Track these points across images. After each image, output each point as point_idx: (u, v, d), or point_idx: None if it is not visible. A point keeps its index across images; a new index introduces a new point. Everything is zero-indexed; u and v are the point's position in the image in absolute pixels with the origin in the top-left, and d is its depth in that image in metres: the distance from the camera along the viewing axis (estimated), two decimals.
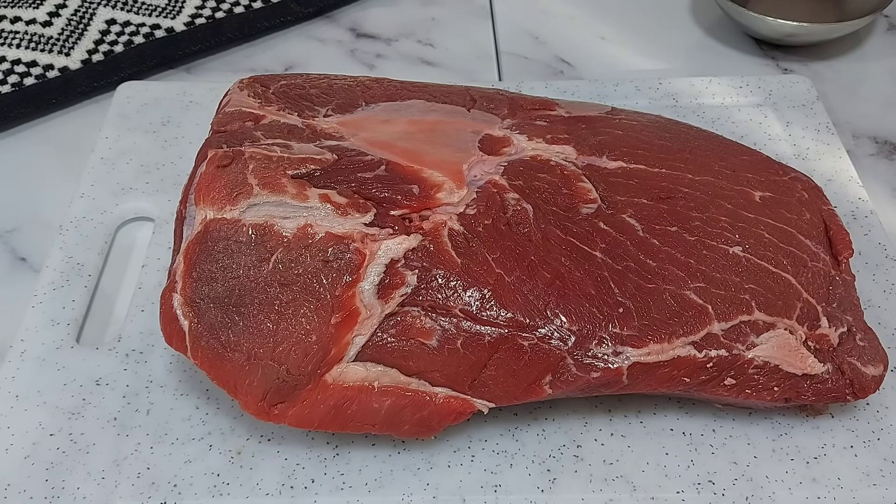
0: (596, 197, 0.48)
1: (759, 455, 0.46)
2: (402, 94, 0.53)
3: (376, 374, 0.43)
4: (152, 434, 0.46)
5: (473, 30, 0.78)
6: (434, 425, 0.44)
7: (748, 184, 0.51)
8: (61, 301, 0.52)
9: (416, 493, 0.44)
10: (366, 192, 0.45)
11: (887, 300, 0.53)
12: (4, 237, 0.59)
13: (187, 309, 0.43)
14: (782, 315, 0.45)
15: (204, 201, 0.44)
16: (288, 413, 0.43)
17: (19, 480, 0.44)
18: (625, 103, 0.64)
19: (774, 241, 0.48)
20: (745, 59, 0.75)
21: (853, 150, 0.66)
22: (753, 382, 0.45)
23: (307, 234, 0.43)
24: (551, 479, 0.45)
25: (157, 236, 0.56)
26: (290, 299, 0.42)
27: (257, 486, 0.44)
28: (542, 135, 0.51)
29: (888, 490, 0.44)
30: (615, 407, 0.48)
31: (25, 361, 0.49)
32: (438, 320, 0.43)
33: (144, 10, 0.72)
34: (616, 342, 0.43)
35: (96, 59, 0.69)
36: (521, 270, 0.44)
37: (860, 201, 0.58)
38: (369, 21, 0.78)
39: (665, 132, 0.53)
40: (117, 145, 0.62)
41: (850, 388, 0.45)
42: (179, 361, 0.49)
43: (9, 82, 0.66)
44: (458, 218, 0.45)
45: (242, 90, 0.51)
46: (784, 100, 0.66)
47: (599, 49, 0.76)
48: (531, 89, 0.65)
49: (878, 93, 0.71)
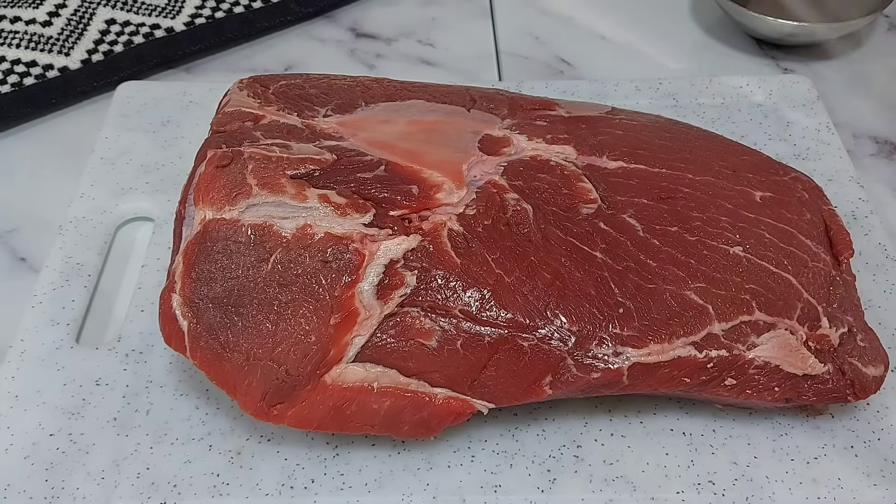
0: (596, 197, 0.47)
1: (759, 455, 0.46)
2: (402, 94, 0.53)
3: (375, 375, 0.43)
4: (152, 434, 0.46)
5: (473, 30, 0.78)
6: (433, 426, 0.43)
7: (749, 184, 0.50)
8: (61, 301, 0.52)
9: (416, 494, 0.44)
10: (365, 193, 0.45)
11: (887, 300, 0.53)
12: (4, 237, 0.59)
13: (186, 309, 0.43)
14: (783, 315, 0.45)
15: (203, 201, 0.44)
16: (287, 413, 0.43)
17: (19, 480, 0.44)
18: (625, 103, 0.64)
19: (775, 242, 0.48)
20: (745, 59, 0.75)
21: (853, 150, 0.66)
22: (754, 383, 0.44)
23: (306, 235, 0.43)
24: (551, 480, 0.45)
25: (157, 236, 0.56)
26: (290, 300, 0.42)
27: (257, 487, 0.44)
28: (542, 135, 0.51)
29: (888, 490, 0.44)
30: (615, 407, 0.48)
31: (25, 361, 0.49)
32: (438, 321, 0.42)
33: (144, 9, 0.72)
34: (616, 343, 0.43)
35: (96, 59, 0.69)
36: (521, 271, 0.44)
37: (860, 201, 0.58)
38: (369, 21, 0.78)
39: (665, 132, 0.53)
40: (117, 145, 0.62)
41: (850, 389, 0.45)
42: (179, 361, 0.49)
43: (8, 82, 0.66)
44: (458, 218, 0.45)
45: (242, 90, 0.51)
46: (784, 100, 0.66)
47: (599, 49, 0.76)
48: (531, 89, 0.65)
49: (878, 93, 0.71)
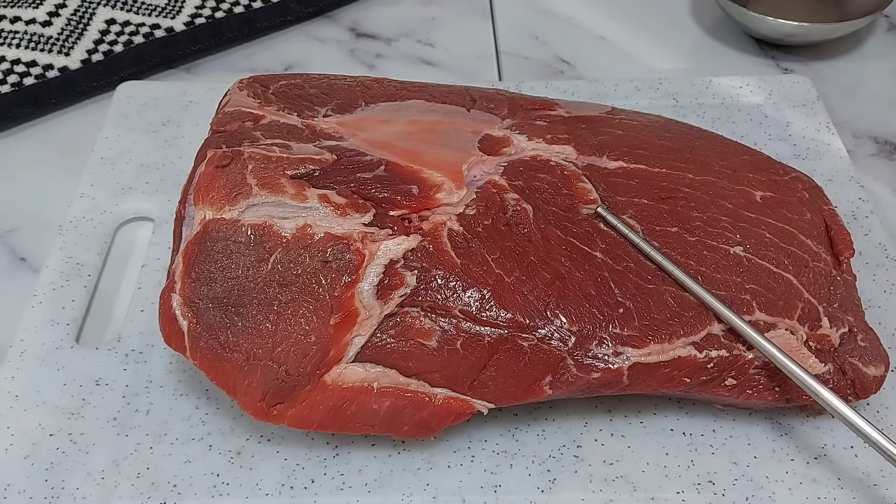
0: (596, 197, 0.47)
1: (759, 455, 0.46)
2: (402, 94, 0.53)
3: (375, 375, 0.42)
4: (152, 434, 0.46)
5: (473, 30, 0.78)
6: (433, 426, 0.43)
7: (749, 184, 0.50)
8: (61, 301, 0.52)
9: (416, 494, 0.44)
10: (365, 193, 0.45)
11: (888, 300, 0.53)
12: (4, 237, 0.59)
13: (186, 309, 0.43)
14: (783, 315, 0.45)
15: (203, 201, 0.44)
16: (287, 413, 0.43)
17: (19, 480, 0.44)
18: (625, 103, 0.64)
19: (775, 241, 0.48)
20: (745, 59, 0.75)
21: (853, 150, 0.66)
22: (754, 383, 0.44)
23: (306, 235, 0.43)
24: (551, 480, 0.45)
25: (157, 236, 0.56)
26: (290, 300, 0.42)
27: (257, 487, 0.44)
28: (542, 135, 0.51)
29: (888, 490, 0.44)
30: (615, 407, 0.48)
31: (25, 361, 0.49)
32: (438, 321, 0.42)
33: (144, 9, 0.72)
34: (616, 343, 0.43)
35: (96, 59, 0.69)
36: (521, 271, 0.44)
37: (860, 201, 0.58)
38: (369, 21, 0.78)
39: (665, 132, 0.53)
40: (117, 145, 0.62)
41: (851, 389, 0.45)
42: (179, 361, 0.49)
43: (8, 82, 0.66)
44: (458, 218, 0.45)
45: (242, 90, 0.51)
46: (784, 100, 0.66)
47: (599, 49, 0.76)
48: (531, 89, 0.65)
49: (878, 93, 0.71)
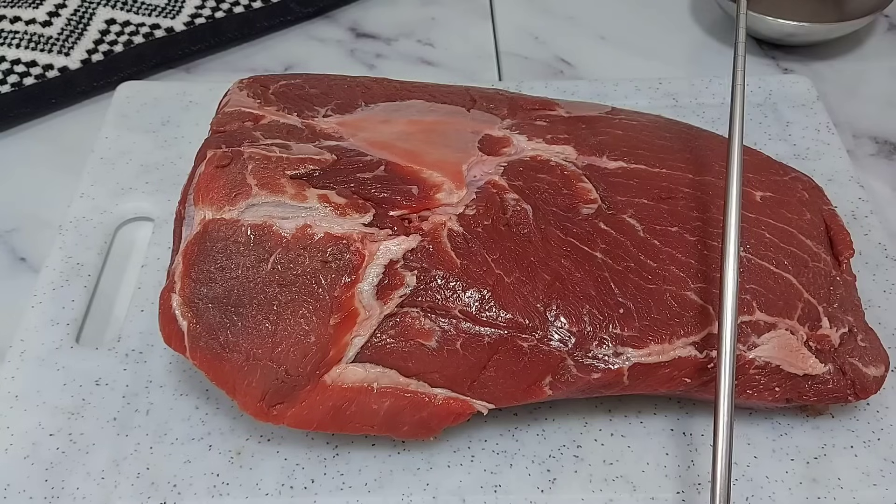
0: (596, 197, 0.47)
1: (759, 455, 0.46)
2: (402, 94, 0.53)
3: (375, 375, 0.42)
4: (152, 434, 0.46)
5: (473, 30, 0.78)
6: (433, 426, 0.43)
7: (749, 184, 0.50)
8: (61, 301, 0.52)
9: (416, 493, 0.44)
10: (365, 193, 0.45)
11: (887, 300, 0.53)
12: (4, 237, 0.59)
13: (186, 309, 0.43)
14: (783, 315, 0.45)
15: (203, 202, 0.44)
16: (287, 414, 0.43)
17: (19, 480, 0.44)
18: (625, 103, 0.64)
19: (775, 242, 0.48)
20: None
21: (853, 150, 0.66)
22: (755, 383, 0.44)
23: (306, 235, 0.43)
24: (551, 479, 0.45)
25: (157, 236, 0.56)
26: (289, 300, 0.42)
27: (257, 487, 0.44)
28: (542, 135, 0.51)
29: (888, 490, 0.44)
30: (615, 407, 0.48)
31: (25, 361, 0.49)
32: (438, 321, 0.42)
33: (144, 9, 0.72)
34: (617, 343, 0.43)
35: (96, 59, 0.69)
36: (521, 271, 0.44)
37: (860, 201, 0.58)
38: (369, 21, 0.78)
39: (665, 132, 0.53)
40: (117, 145, 0.62)
41: (851, 389, 0.45)
42: (179, 361, 0.49)
43: (8, 82, 0.66)
44: (458, 218, 0.45)
45: (242, 90, 0.51)
46: (784, 100, 0.66)
47: (599, 49, 0.76)
48: (531, 89, 0.65)
49: (878, 93, 0.71)
